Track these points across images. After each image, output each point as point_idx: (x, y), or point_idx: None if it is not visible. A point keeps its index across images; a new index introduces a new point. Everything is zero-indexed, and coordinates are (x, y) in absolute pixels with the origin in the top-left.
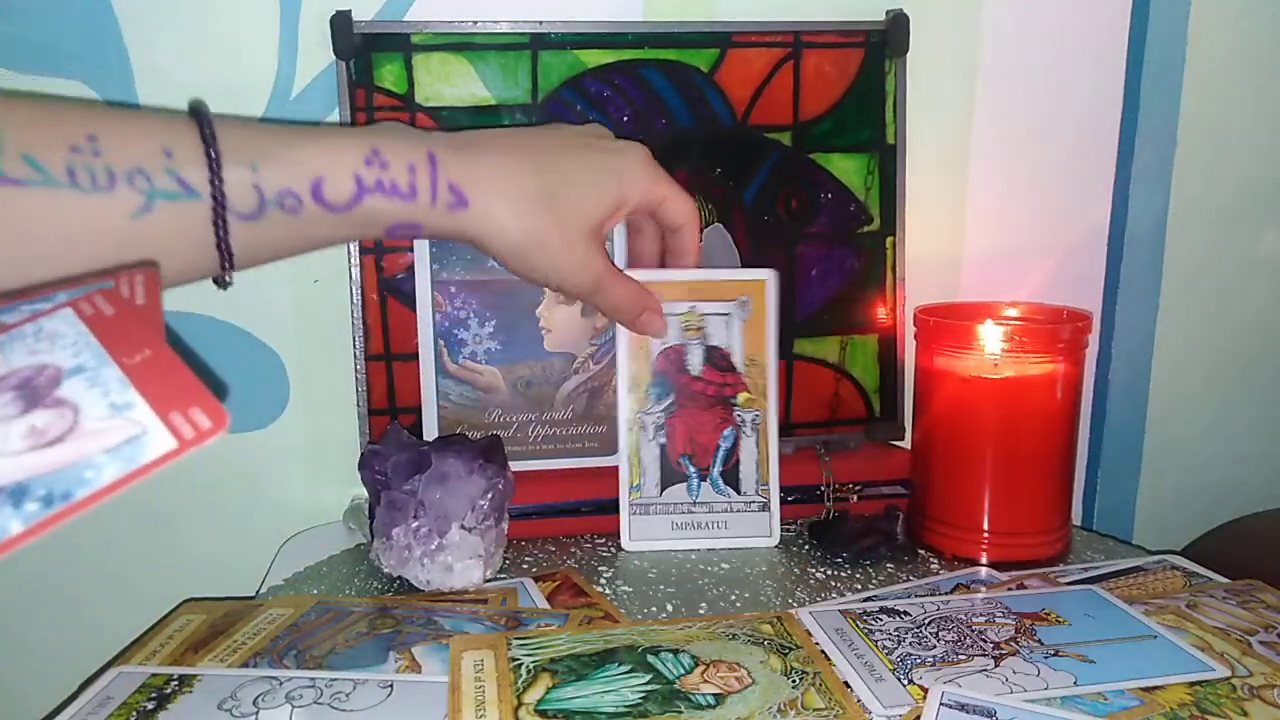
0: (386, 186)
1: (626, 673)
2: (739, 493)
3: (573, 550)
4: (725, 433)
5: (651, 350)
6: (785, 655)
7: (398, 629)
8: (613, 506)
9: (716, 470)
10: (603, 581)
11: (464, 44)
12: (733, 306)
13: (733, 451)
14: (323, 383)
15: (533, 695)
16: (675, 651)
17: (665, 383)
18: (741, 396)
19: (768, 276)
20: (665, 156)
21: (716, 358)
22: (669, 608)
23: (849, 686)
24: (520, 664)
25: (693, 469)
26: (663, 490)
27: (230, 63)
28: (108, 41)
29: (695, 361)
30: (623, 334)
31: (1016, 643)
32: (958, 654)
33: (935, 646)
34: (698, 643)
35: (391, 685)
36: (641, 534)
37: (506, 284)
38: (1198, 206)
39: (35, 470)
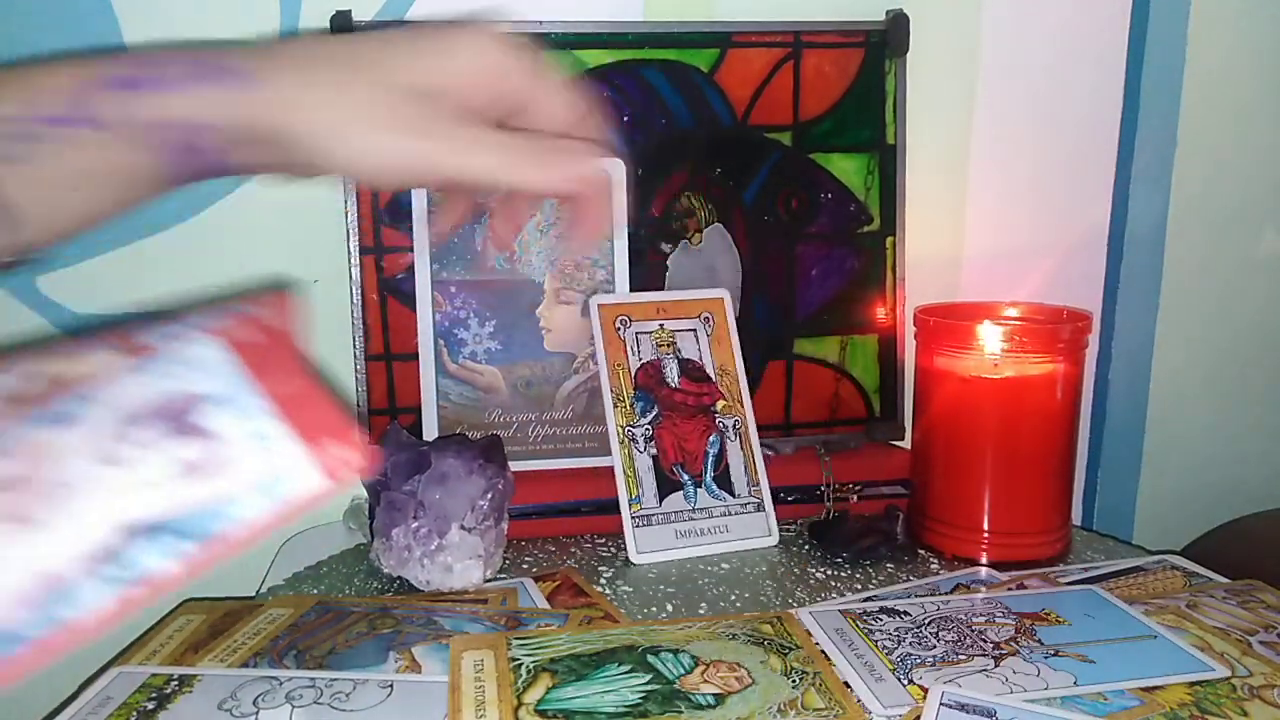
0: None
1: (626, 673)
2: (733, 495)
3: (573, 550)
4: (711, 439)
5: (631, 366)
6: (785, 655)
7: (398, 629)
8: (613, 506)
9: (709, 476)
10: (603, 581)
11: None
12: (697, 323)
13: (721, 456)
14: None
15: (533, 695)
16: (675, 651)
17: (647, 396)
18: (720, 404)
19: (724, 295)
20: (665, 156)
21: (691, 369)
22: (669, 608)
23: (849, 686)
24: (520, 664)
25: (686, 476)
26: (661, 500)
27: None
28: (108, 41)
29: (672, 374)
30: (601, 351)
31: (1016, 643)
32: (958, 654)
33: (935, 646)
34: (698, 643)
35: (391, 685)
36: (648, 546)
37: (507, 284)
38: (1198, 206)
39: (181, 504)
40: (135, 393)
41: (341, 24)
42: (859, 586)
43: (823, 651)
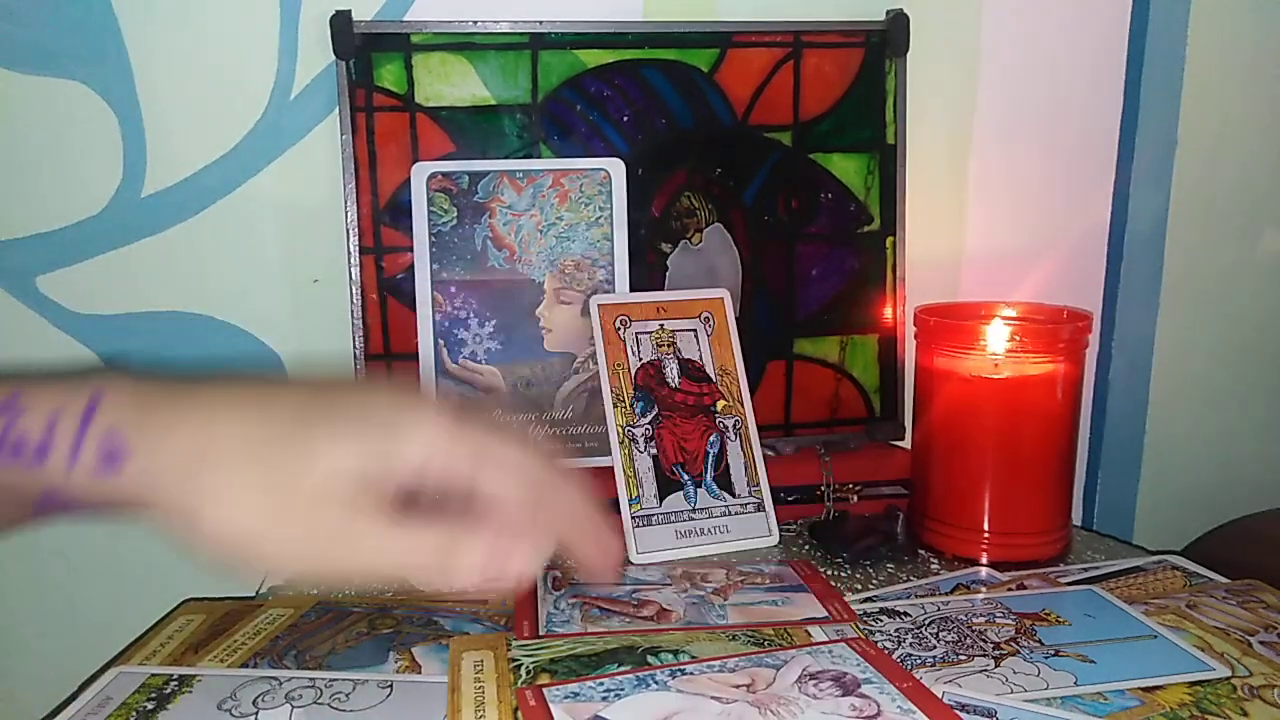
0: (10, 442)
1: (626, 673)
2: (733, 495)
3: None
4: (711, 439)
5: (631, 366)
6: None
7: (397, 629)
8: (613, 506)
9: (709, 476)
10: None
11: (464, 44)
12: (697, 323)
13: (721, 456)
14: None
15: None
16: (675, 652)
17: (647, 396)
18: (720, 404)
19: (724, 295)
20: (665, 156)
21: (691, 370)
22: None
23: None
24: (520, 664)
25: (687, 476)
26: (661, 500)
27: (230, 63)
28: (108, 41)
29: (673, 374)
30: (601, 351)
31: (1017, 643)
32: (958, 654)
33: (935, 647)
34: (698, 644)
35: (391, 685)
36: (648, 546)
37: (507, 284)
38: (1198, 206)
39: None
40: None
41: (341, 25)
42: (859, 587)
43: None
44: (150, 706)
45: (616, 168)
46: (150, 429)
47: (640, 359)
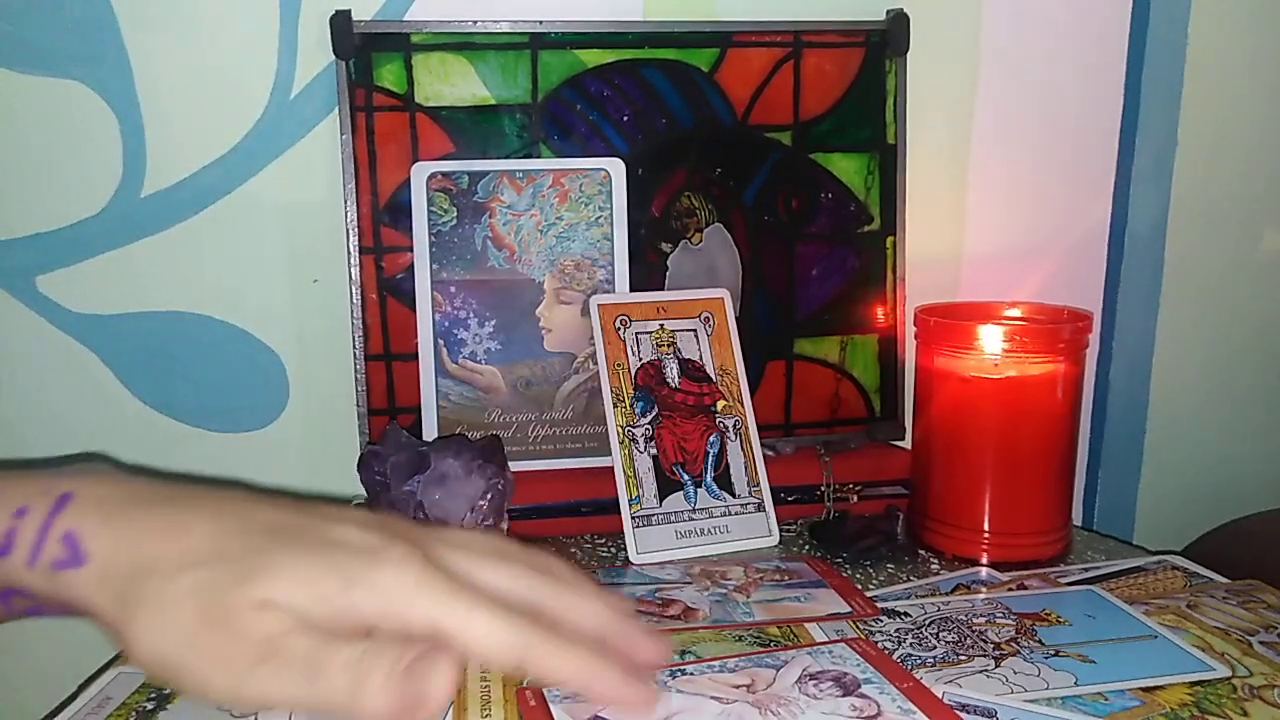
0: None
1: None
2: (733, 495)
3: (573, 550)
4: (711, 439)
5: (631, 366)
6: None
7: None
8: (613, 506)
9: (709, 476)
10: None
11: (464, 43)
12: (697, 323)
13: (721, 456)
14: (323, 383)
15: None
16: (680, 652)
17: (648, 396)
18: (720, 404)
19: (724, 295)
20: (665, 156)
21: (691, 369)
22: None
23: None
24: None
25: (687, 476)
26: (661, 500)
27: (230, 63)
28: (108, 41)
29: (673, 374)
30: (601, 351)
31: (1017, 643)
32: (958, 654)
33: (936, 647)
34: (702, 644)
35: None
36: (648, 546)
37: (507, 284)
38: (1198, 206)
39: None
40: None
41: (341, 24)
42: (859, 587)
43: None
44: (150, 706)
45: (616, 167)
46: (109, 535)
47: (640, 359)
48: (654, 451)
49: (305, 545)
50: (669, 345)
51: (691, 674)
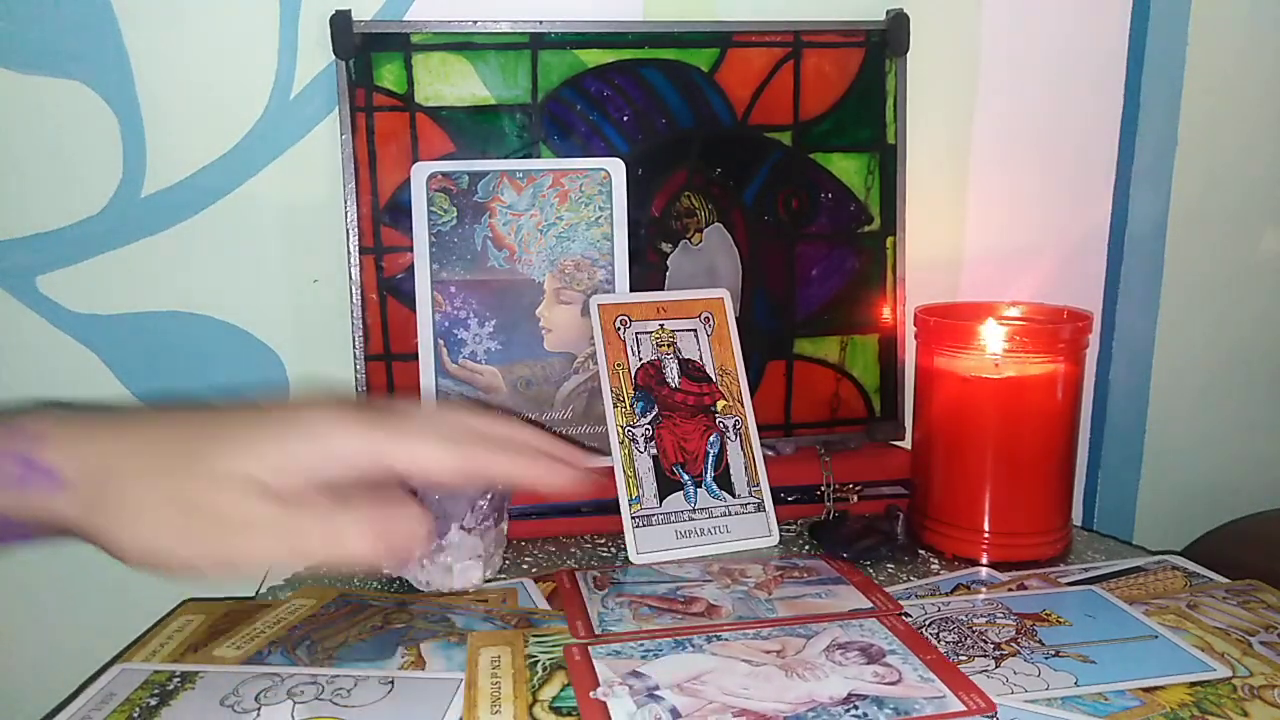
0: None
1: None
2: (733, 495)
3: (573, 550)
4: (711, 439)
5: (631, 366)
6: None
7: (410, 624)
8: (613, 506)
9: (709, 476)
10: None
11: (464, 43)
12: (697, 323)
13: (721, 456)
14: (323, 383)
15: (548, 692)
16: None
17: (648, 396)
18: (720, 404)
19: (724, 295)
20: (665, 156)
21: (691, 369)
22: None
23: None
24: (537, 661)
25: (687, 476)
26: (661, 500)
27: (230, 63)
28: (108, 41)
29: (673, 374)
30: (601, 351)
31: (1017, 643)
32: (958, 655)
33: (936, 647)
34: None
35: (392, 682)
36: (648, 546)
37: (507, 284)
38: (1198, 206)
39: (886, 693)
40: None
41: (341, 24)
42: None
43: None
44: (153, 702)
45: (616, 167)
46: (76, 459)
47: (640, 359)
48: (654, 451)
49: (245, 425)
50: (669, 345)
51: (726, 639)
